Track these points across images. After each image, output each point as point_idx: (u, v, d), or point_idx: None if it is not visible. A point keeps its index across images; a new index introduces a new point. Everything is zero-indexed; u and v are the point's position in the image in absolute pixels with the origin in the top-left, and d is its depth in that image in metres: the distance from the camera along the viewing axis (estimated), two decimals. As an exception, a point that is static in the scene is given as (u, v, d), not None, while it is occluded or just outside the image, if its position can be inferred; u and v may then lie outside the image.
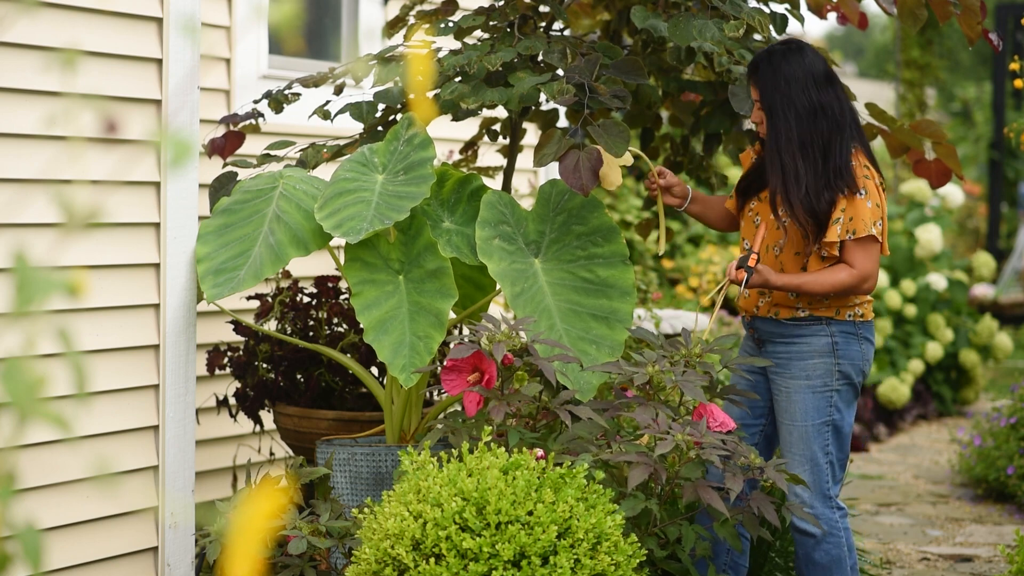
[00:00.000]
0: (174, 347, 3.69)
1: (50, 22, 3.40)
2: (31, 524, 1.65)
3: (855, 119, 3.70)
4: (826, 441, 3.63)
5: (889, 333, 8.03)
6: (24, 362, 1.57)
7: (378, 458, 3.79)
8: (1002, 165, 11.94)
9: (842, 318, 3.63)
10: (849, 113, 3.68)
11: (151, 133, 3.62)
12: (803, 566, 3.69)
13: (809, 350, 3.62)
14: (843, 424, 3.65)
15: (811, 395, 3.62)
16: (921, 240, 8.27)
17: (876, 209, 3.59)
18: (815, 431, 3.62)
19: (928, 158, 4.22)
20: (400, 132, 3.91)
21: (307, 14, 5.51)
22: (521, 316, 3.61)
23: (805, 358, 3.63)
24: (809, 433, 3.62)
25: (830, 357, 3.61)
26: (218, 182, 3.99)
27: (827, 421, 3.62)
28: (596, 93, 3.75)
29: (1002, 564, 4.88)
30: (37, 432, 3.33)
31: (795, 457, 3.64)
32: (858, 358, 3.65)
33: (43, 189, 3.39)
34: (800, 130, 3.60)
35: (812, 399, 3.62)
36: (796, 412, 3.63)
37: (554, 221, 3.84)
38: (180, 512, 3.69)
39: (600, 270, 3.79)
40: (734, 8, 3.88)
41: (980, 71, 15.95)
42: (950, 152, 4.19)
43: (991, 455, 5.99)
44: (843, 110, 3.66)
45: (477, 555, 2.93)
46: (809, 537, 3.63)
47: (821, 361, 3.61)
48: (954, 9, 3.96)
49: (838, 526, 3.65)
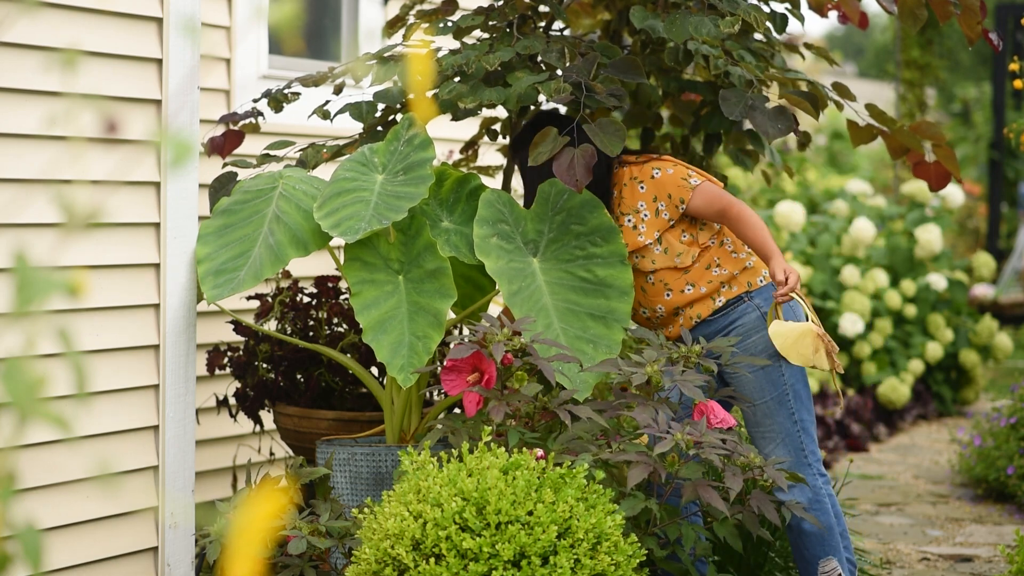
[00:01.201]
0: (174, 347, 3.69)
1: (50, 22, 3.40)
2: (31, 524, 1.65)
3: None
4: (790, 410, 3.67)
5: (889, 333, 8.03)
6: (24, 362, 1.57)
7: (378, 458, 3.79)
8: (1002, 165, 11.94)
9: (758, 287, 3.69)
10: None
11: (151, 133, 3.62)
12: (796, 540, 3.70)
13: (745, 330, 3.67)
14: (799, 386, 3.68)
15: (760, 371, 3.66)
16: (921, 240, 8.27)
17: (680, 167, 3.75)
18: (776, 403, 3.65)
19: (928, 160, 4.22)
20: (400, 132, 3.91)
21: (307, 14, 5.51)
22: (518, 314, 3.61)
23: (745, 339, 3.66)
24: (771, 407, 3.65)
25: (765, 329, 3.65)
26: (218, 182, 3.99)
27: (784, 391, 3.66)
28: (593, 92, 3.76)
29: (1002, 564, 4.88)
30: (37, 432, 3.33)
31: (765, 434, 3.66)
32: (789, 318, 3.68)
33: (44, 189, 3.39)
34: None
35: (762, 375, 3.66)
36: (752, 392, 3.67)
37: (553, 220, 3.84)
38: (180, 512, 3.69)
39: (598, 270, 3.79)
40: (731, 6, 3.88)
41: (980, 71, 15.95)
42: (949, 155, 4.19)
43: (991, 455, 5.99)
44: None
45: (477, 555, 2.93)
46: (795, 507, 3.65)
47: (759, 336, 3.66)
48: (954, 9, 3.96)
49: (822, 492, 3.68)
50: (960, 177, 4.23)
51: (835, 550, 3.71)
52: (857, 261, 8.26)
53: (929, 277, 8.24)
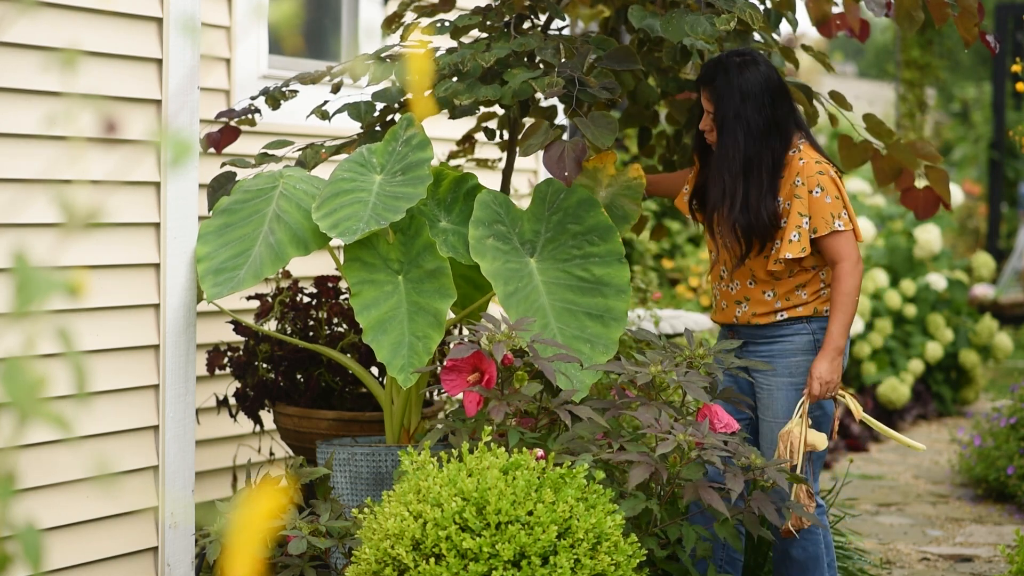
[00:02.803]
0: (174, 347, 3.69)
1: (50, 22, 3.40)
2: (31, 524, 1.65)
3: (800, 120, 3.75)
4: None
5: (889, 333, 8.02)
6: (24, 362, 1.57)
7: (378, 458, 3.79)
8: (1002, 165, 11.94)
9: (820, 315, 3.67)
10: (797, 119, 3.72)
11: (151, 133, 3.62)
12: (780, 562, 3.70)
13: (792, 348, 3.66)
14: (824, 421, 3.68)
15: (794, 392, 3.65)
16: (920, 240, 8.27)
17: (836, 201, 3.62)
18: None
19: (917, 185, 4.20)
20: (399, 132, 3.91)
21: (307, 14, 5.51)
22: (514, 316, 3.61)
23: (788, 356, 3.66)
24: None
25: (812, 354, 3.65)
26: (216, 182, 3.99)
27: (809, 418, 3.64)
28: (585, 85, 3.77)
29: (1002, 564, 4.88)
30: (37, 432, 3.33)
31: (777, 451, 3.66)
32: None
33: (43, 189, 3.39)
34: (749, 150, 3.61)
35: (796, 396, 3.64)
36: (779, 409, 3.66)
37: (550, 220, 3.84)
38: (180, 512, 3.69)
39: (596, 268, 3.79)
40: (727, 4, 3.89)
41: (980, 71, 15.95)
42: (942, 177, 4.17)
43: (991, 455, 5.99)
44: (797, 120, 3.69)
45: (477, 555, 2.93)
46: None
47: (804, 359, 3.65)
48: (951, 11, 3.96)
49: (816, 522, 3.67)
50: (949, 204, 4.20)
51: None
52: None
53: (929, 277, 8.24)
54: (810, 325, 3.66)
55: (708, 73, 3.70)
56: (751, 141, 3.61)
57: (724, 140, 3.64)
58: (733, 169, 3.62)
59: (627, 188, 3.95)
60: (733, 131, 3.63)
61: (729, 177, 3.62)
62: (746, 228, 3.61)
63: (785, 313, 3.67)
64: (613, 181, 3.95)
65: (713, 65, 3.70)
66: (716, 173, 3.66)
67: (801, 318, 3.66)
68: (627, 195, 3.94)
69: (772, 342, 3.67)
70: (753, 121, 3.62)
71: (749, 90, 3.63)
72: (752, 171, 3.62)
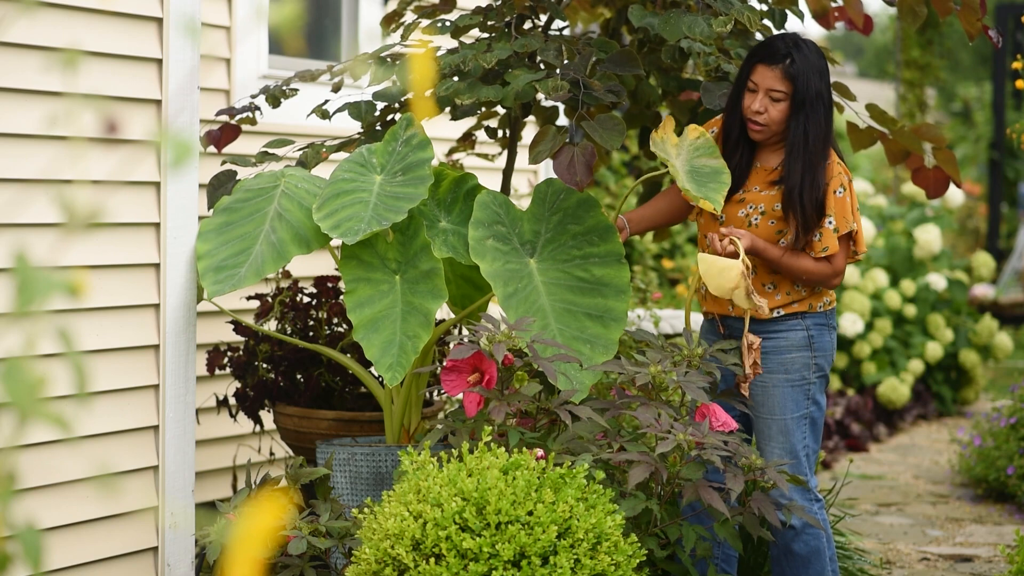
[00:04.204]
0: (174, 347, 3.69)
1: (50, 22, 3.40)
2: (31, 524, 1.65)
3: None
4: (804, 434, 3.67)
5: (889, 333, 8.03)
6: (24, 362, 1.57)
7: (378, 458, 3.79)
8: (1002, 165, 11.94)
9: (815, 311, 3.67)
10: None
11: (152, 133, 3.62)
12: (782, 557, 3.70)
13: (787, 344, 3.65)
14: (819, 416, 3.69)
15: (789, 388, 3.65)
16: (920, 240, 8.27)
17: (851, 207, 3.64)
18: (794, 424, 3.65)
19: (927, 164, 4.21)
20: (399, 133, 3.91)
21: (308, 15, 5.51)
22: (513, 317, 3.61)
23: (783, 352, 3.65)
24: (788, 426, 3.65)
25: (807, 351, 3.65)
26: (216, 180, 3.99)
27: (805, 414, 3.67)
28: (590, 88, 3.76)
29: (1002, 564, 4.88)
30: (37, 432, 3.33)
31: (775, 450, 3.67)
32: (829, 349, 3.71)
33: (44, 189, 3.39)
34: (827, 127, 3.59)
35: (791, 392, 3.65)
36: (775, 406, 3.66)
37: (550, 221, 3.84)
38: (180, 512, 3.69)
39: (595, 269, 3.79)
40: (725, 6, 3.89)
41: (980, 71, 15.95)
42: (949, 158, 4.18)
43: (991, 455, 5.99)
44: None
45: (477, 555, 2.93)
46: (788, 529, 3.64)
47: (799, 355, 3.65)
48: (954, 5, 3.96)
49: (816, 517, 3.67)
50: (960, 182, 4.21)
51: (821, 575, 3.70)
52: (857, 261, 8.27)
53: (929, 277, 8.24)
54: (804, 321, 3.67)
55: (778, 50, 3.57)
56: (831, 120, 3.59)
57: (803, 119, 3.55)
58: (817, 147, 3.55)
59: (698, 148, 3.73)
60: (816, 109, 3.55)
61: (811, 156, 3.54)
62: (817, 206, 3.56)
63: (782, 310, 3.67)
64: (681, 146, 3.74)
65: (781, 42, 3.59)
66: (797, 151, 3.56)
67: (796, 314, 3.67)
68: (704, 153, 3.71)
69: (766, 338, 3.68)
70: (827, 100, 3.58)
71: (822, 68, 3.60)
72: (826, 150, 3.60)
